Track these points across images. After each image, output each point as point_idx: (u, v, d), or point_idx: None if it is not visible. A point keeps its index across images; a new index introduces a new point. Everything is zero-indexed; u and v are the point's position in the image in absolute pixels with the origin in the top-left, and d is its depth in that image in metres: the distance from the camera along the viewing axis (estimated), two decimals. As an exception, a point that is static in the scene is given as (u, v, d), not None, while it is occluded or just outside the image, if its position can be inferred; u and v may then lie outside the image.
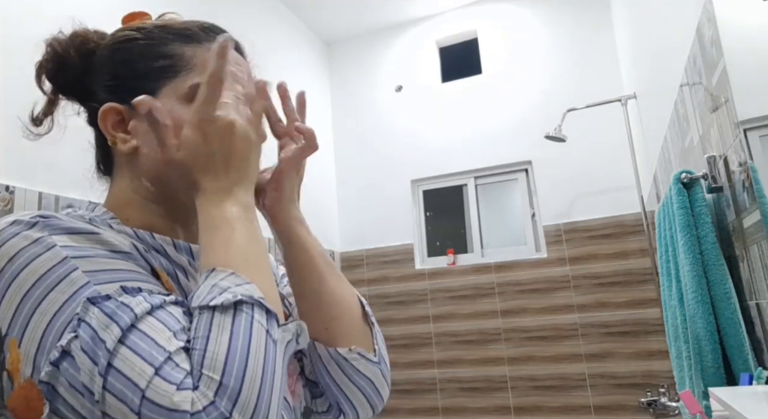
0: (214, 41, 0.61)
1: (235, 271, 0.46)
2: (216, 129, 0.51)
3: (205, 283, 0.45)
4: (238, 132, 0.52)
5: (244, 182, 0.53)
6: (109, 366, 0.39)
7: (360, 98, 3.87)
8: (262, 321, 0.44)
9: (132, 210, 0.57)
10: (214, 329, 0.42)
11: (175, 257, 0.56)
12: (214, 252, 0.48)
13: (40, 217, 0.47)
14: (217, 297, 0.43)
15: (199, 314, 0.43)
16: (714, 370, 1.11)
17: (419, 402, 3.26)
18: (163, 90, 0.56)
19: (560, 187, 3.21)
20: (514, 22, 3.53)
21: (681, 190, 1.24)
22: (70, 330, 0.41)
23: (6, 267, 0.44)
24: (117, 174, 0.60)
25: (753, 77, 0.92)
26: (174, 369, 0.39)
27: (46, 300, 0.43)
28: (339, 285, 0.64)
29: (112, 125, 0.57)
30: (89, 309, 0.42)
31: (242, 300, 0.44)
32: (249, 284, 0.45)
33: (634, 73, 2.64)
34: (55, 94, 0.61)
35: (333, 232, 3.66)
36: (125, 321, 0.41)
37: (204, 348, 0.41)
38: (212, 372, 0.40)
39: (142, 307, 0.42)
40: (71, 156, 0.66)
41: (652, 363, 2.83)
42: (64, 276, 0.44)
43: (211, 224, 0.50)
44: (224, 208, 0.50)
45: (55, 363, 0.40)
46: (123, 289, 0.44)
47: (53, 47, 0.60)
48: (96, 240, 0.48)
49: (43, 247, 0.45)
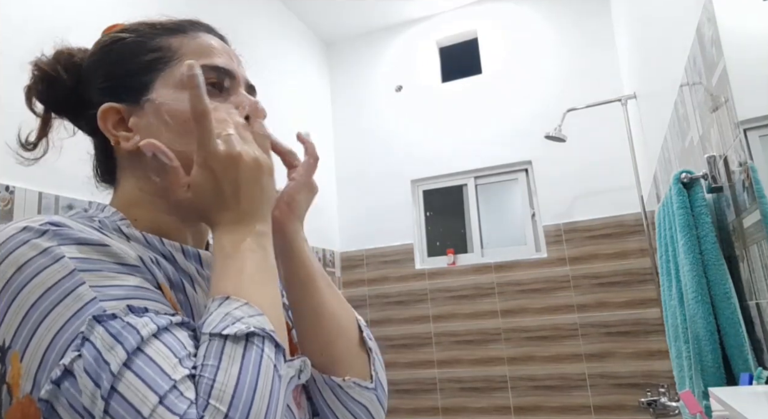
0: (199, 31, 0.61)
1: (248, 302, 0.46)
2: (222, 164, 0.51)
3: (218, 311, 0.45)
4: (245, 162, 0.52)
5: (257, 210, 0.53)
6: (113, 390, 0.38)
7: (360, 98, 3.87)
8: (271, 356, 0.44)
9: (140, 210, 0.57)
10: (225, 359, 0.42)
11: (183, 265, 0.56)
12: (227, 279, 0.48)
13: (50, 225, 0.47)
14: (230, 327, 0.43)
15: (210, 340, 0.43)
16: (714, 370, 1.11)
17: (419, 402, 3.26)
18: (156, 82, 0.57)
19: (560, 187, 3.21)
20: (514, 21, 3.53)
21: (681, 189, 1.24)
22: (73, 348, 0.40)
23: (14, 277, 0.44)
24: (121, 176, 0.60)
25: (753, 77, 0.92)
26: (178, 399, 0.39)
27: (52, 314, 0.42)
28: (338, 306, 0.64)
29: (113, 125, 0.57)
30: (94, 328, 0.41)
31: (255, 332, 0.44)
32: (261, 316, 0.45)
33: (634, 73, 2.64)
34: (47, 114, 0.61)
35: (333, 232, 3.66)
36: (131, 344, 0.40)
37: (213, 378, 0.41)
38: (219, 404, 0.39)
39: (148, 329, 0.42)
40: (71, 156, 0.66)
41: (652, 363, 2.84)
42: (71, 290, 0.43)
43: (223, 252, 0.50)
44: (237, 238, 0.51)
45: (57, 381, 0.39)
46: (129, 308, 0.43)
47: (39, 68, 0.60)
48: (105, 252, 0.47)
49: (51, 259, 0.44)
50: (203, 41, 0.61)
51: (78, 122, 0.62)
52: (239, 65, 0.63)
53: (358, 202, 3.72)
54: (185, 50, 0.58)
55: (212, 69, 0.58)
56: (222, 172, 0.51)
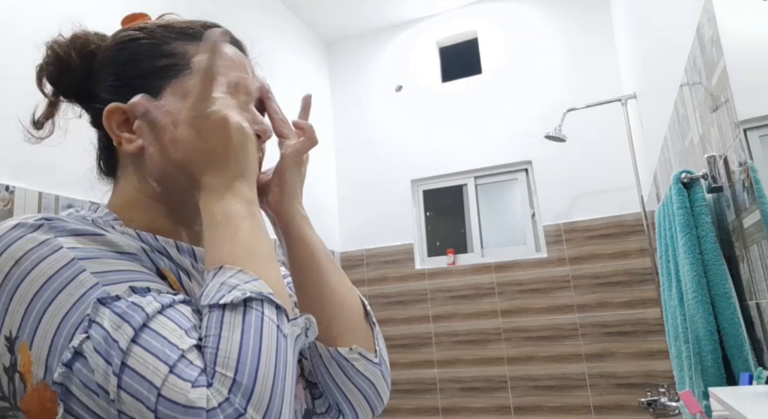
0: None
1: (242, 268, 0.46)
2: (210, 125, 0.52)
3: (214, 281, 0.45)
4: (232, 125, 0.52)
5: (244, 175, 0.53)
6: (124, 366, 0.39)
7: (360, 98, 3.87)
8: (272, 317, 0.44)
9: (136, 211, 0.57)
10: (226, 327, 0.42)
11: (178, 259, 0.56)
12: (220, 248, 0.48)
13: (44, 219, 0.47)
14: (226, 296, 0.44)
15: (209, 312, 0.43)
16: (714, 370, 1.11)
17: (419, 402, 3.26)
18: (167, 89, 0.57)
19: (560, 187, 3.21)
20: (514, 21, 3.53)
21: (681, 189, 1.24)
22: (81, 331, 0.41)
23: (12, 270, 0.44)
24: (122, 175, 0.60)
25: (753, 77, 0.92)
26: (188, 367, 0.40)
27: (55, 302, 0.42)
28: (341, 283, 0.64)
29: (117, 125, 0.57)
30: (99, 309, 0.42)
31: (252, 297, 0.44)
32: (257, 280, 0.46)
33: (634, 73, 2.64)
34: (56, 97, 0.61)
35: (333, 232, 3.66)
36: (137, 321, 0.41)
37: (216, 347, 0.41)
38: (226, 370, 0.40)
39: (152, 306, 0.43)
40: (71, 156, 0.66)
41: (652, 363, 2.84)
42: (72, 277, 0.44)
43: (214, 221, 0.50)
44: (226, 203, 0.51)
45: (68, 364, 0.40)
46: (132, 289, 0.44)
47: (54, 50, 0.59)
48: (102, 241, 0.48)
49: (50, 249, 0.45)
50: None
51: (85, 109, 0.62)
52: (254, 76, 0.63)
53: (358, 202, 3.72)
54: (199, 59, 0.58)
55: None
56: (210, 132, 0.52)
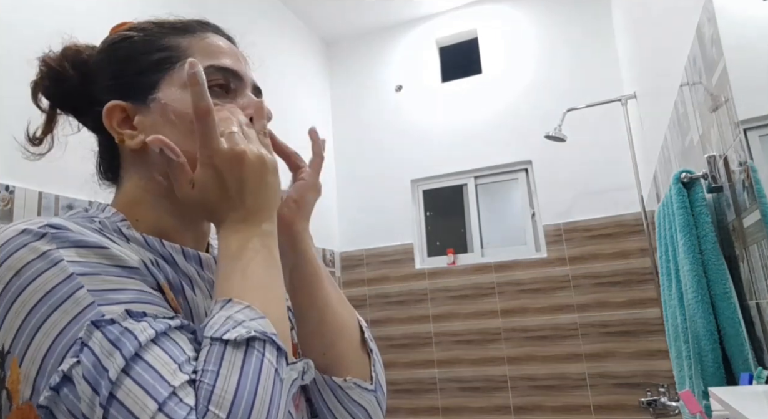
0: (208, 31, 0.61)
1: (250, 305, 0.46)
2: (226, 162, 0.51)
3: (220, 314, 0.45)
4: (249, 158, 0.51)
5: (263, 209, 0.52)
6: (111, 398, 0.38)
7: (360, 98, 3.87)
8: (272, 360, 0.44)
9: (143, 210, 0.57)
10: (225, 365, 0.41)
11: (184, 267, 0.56)
12: (230, 281, 0.48)
13: (49, 227, 0.47)
14: (231, 331, 0.43)
15: (210, 345, 0.43)
16: (714, 370, 1.11)
17: (419, 402, 3.26)
18: (163, 81, 0.57)
19: (560, 187, 3.21)
20: (514, 21, 3.53)
21: (681, 189, 1.24)
22: (72, 354, 0.40)
23: (12, 281, 0.44)
24: (125, 175, 0.60)
25: (753, 77, 0.92)
26: (177, 406, 0.39)
27: (50, 320, 0.42)
28: (341, 306, 0.64)
29: (117, 123, 0.57)
30: (93, 333, 0.41)
31: (256, 337, 0.43)
32: (263, 319, 0.45)
33: (634, 72, 2.64)
34: (53, 111, 0.61)
35: (333, 232, 3.66)
36: (129, 350, 0.40)
37: (213, 384, 0.40)
38: (219, 410, 0.39)
39: (146, 335, 0.42)
40: (71, 156, 0.66)
41: (652, 363, 2.84)
42: (68, 294, 0.43)
43: (228, 252, 0.50)
44: (242, 238, 0.50)
45: (56, 388, 0.39)
46: (128, 313, 0.43)
47: (47, 64, 0.59)
48: (104, 255, 0.47)
49: (49, 263, 0.44)
50: (211, 42, 0.60)
51: (83, 119, 0.62)
52: (246, 66, 0.63)
53: (358, 202, 3.72)
54: (193, 50, 0.58)
55: (219, 70, 0.58)
56: (226, 170, 0.51)
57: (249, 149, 0.52)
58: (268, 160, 0.53)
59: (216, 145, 0.51)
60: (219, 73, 0.58)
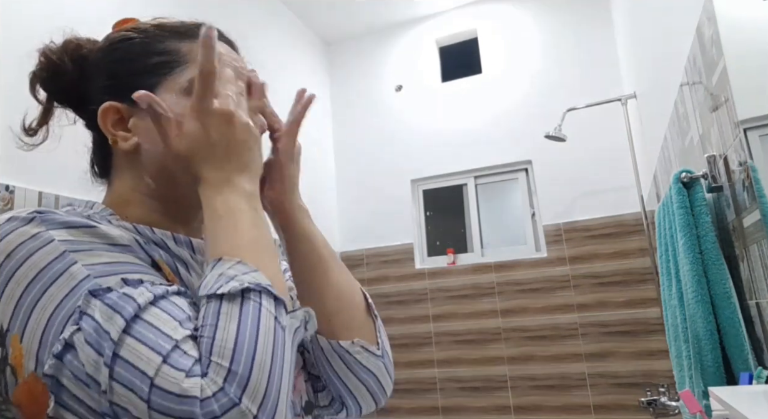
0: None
1: (241, 259, 0.46)
2: (215, 119, 0.52)
3: (212, 272, 0.45)
4: (238, 122, 0.52)
5: (246, 170, 0.53)
6: (115, 356, 0.39)
7: (360, 98, 3.87)
8: (270, 308, 0.44)
9: (132, 208, 0.57)
10: (222, 317, 0.42)
11: (176, 250, 0.56)
12: (220, 241, 0.48)
13: (36, 213, 0.47)
14: (224, 286, 0.44)
15: (207, 303, 0.43)
16: (714, 370, 1.11)
17: (419, 402, 3.26)
18: (161, 86, 0.57)
19: (560, 187, 3.20)
20: (514, 21, 3.53)
21: (681, 189, 1.24)
22: (72, 323, 0.41)
23: (4, 264, 0.44)
24: (116, 174, 0.60)
25: (753, 77, 0.92)
26: (182, 357, 0.39)
27: (46, 294, 0.42)
28: (342, 276, 0.64)
29: (112, 124, 0.57)
30: (91, 301, 0.41)
31: (249, 287, 0.44)
32: (256, 271, 0.46)
33: (634, 72, 2.64)
34: (50, 103, 0.61)
35: (333, 232, 3.66)
36: (129, 312, 0.41)
37: (212, 336, 0.41)
38: (221, 359, 0.40)
39: (144, 297, 0.42)
40: (71, 156, 0.66)
41: (652, 363, 2.84)
42: (63, 270, 0.43)
43: (215, 213, 0.50)
44: (227, 196, 0.51)
45: (59, 355, 0.40)
46: (124, 281, 0.44)
47: (47, 56, 0.60)
48: (94, 233, 0.48)
49: (41, 242, 0.45)
50: None
51: (79, 113, 0.62)
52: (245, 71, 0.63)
53: (358, 202, 3.72)
54: (193, 56, 0.58)
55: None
56: (214, 126, 0.52)
57: (239, 113, 0.53)
58: (254, 130, 0.54)
59: (209, 103, 0.52)
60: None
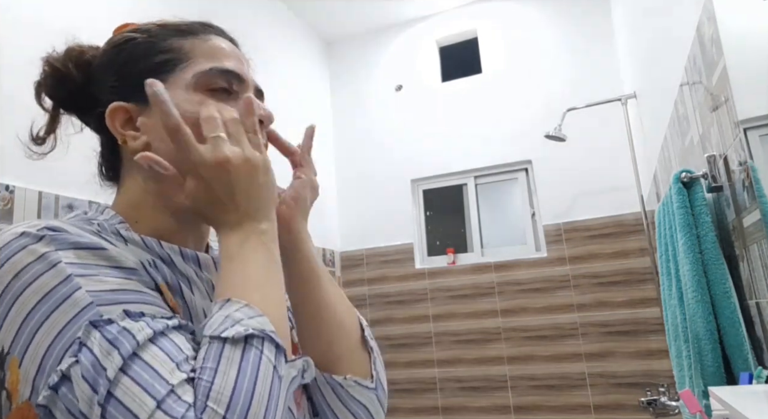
0: (210, 34, 0.61)
1: (249, 303, 0.46)
2: (211, 171, 0.51)
3: (219, 313, 0.45)
4: (235, 163, 0.51)
5: (258, 209, 0.53)
6: (110, 396, 0.39)
7: (360, 97, 3.87)
8: (270, 357, 0.44)
9: (143, 211, 0.57)
10: (223, 362, 0.42)
11: (182, 267, 0.56)
12: (229, 282, 0.48)
13: (47, 230, 0.47)
14: (229, 329, 0.43)
15: (210, 343, 0.43)
16: (714, 369, 1.11)
17: (419, 402, 3.26)
18: (167, 83, 0.56)
19: (560, 187, 3.20)
20: (515, 21, 3.53)
21: (681, 189, 1.24)
22: (70, 354, 0.41)
23: (11, 283, 0.44)
24: (126, 175, 0.60)
25: (753, 76, 0.92)
26: (176, 403, 0.39)
27: (49, 320, 0.42)
28: (341, 304, 0.64)
29: (120, 124, 0.57)
30: (91, 333, 0.41)
31: (254, 334, 0.44)
32: (261, 317, 0.45)
33: (634, 72, 2.64)
34: (56, 111, 0.61)
35: (333, 232, 3.66)
36: (127, 349, 0.41)
37: (211, 381, 0.41)
38: (217, 406, 0.40)
39: (144, 334, 0.42)
40: (72, 156, 0.66)
41: (652, 363, 2.84)
42: (67, 295, 0.43)
43: (227, 253, 0.50)
44: (240, 239, 0.51)
45: (54, 387, 0.40)
46: (126, 313, 0.43)
47: (50, 64, 0.60)
48: (102, 256, 0.47)
49: (48, 265, 0.45)
50: (214, 44, 0.60)
51: (86, 119, 0.62)
52: (249, 69, 0.63)
53: (358, 202, 3.72)
54: (196, 52, 0.58)
55: (221, 72, 0.58)
56: (213, 178, 0.51)
57: (233, 153, 0.51)
58: (256, 161, 0.53)
59: (197, 156, 0.51)
60: (221, 76, 0.58)
